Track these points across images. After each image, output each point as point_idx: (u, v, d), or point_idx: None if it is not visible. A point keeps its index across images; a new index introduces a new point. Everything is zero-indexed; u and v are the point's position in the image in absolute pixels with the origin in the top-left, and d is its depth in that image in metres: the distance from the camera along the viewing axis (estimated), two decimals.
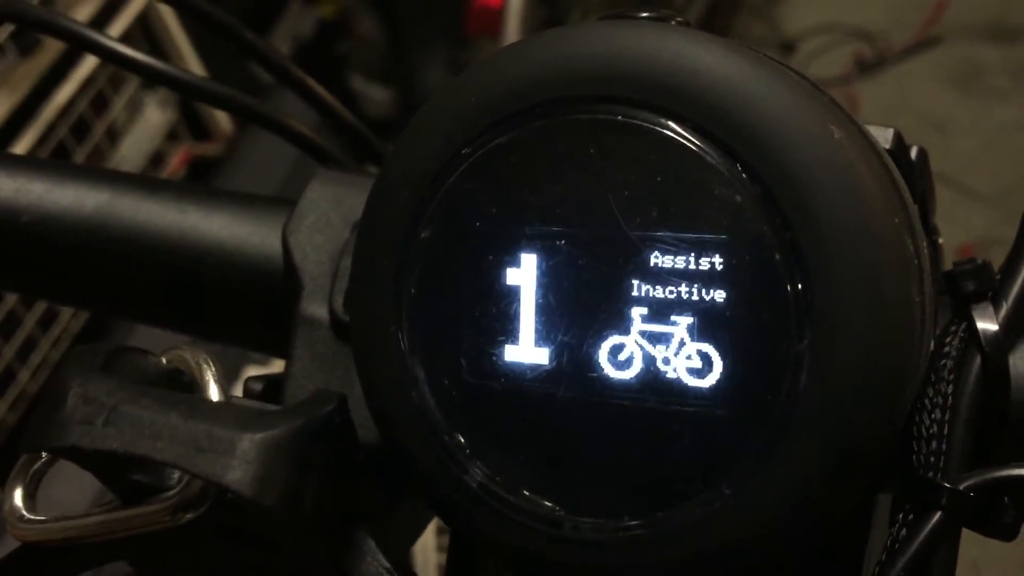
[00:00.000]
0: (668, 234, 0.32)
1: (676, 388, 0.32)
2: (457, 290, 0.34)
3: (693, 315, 0.31)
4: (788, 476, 0.30)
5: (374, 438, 0.37)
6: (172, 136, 1.94)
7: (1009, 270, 0.36)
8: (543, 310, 0.33)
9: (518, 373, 0.33)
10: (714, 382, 0.31)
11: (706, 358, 0.31)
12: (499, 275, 0.34)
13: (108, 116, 1.74)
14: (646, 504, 0.32)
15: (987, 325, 0.34)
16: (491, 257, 0.34)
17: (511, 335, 0.34)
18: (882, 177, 0.32)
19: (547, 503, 0.33)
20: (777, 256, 0.30)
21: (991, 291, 0.35)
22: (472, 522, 0.34)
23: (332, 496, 0.33)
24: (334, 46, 2.30)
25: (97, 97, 1.70)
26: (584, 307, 0.33)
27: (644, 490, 0.32)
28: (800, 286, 0.30)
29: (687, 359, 0.32)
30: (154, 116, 1.87)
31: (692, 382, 0.32)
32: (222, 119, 1.95)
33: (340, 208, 0.45)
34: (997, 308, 0.36)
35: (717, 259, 0.31)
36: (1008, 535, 0.33)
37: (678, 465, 0.32)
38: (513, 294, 0.33)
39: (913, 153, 0.40)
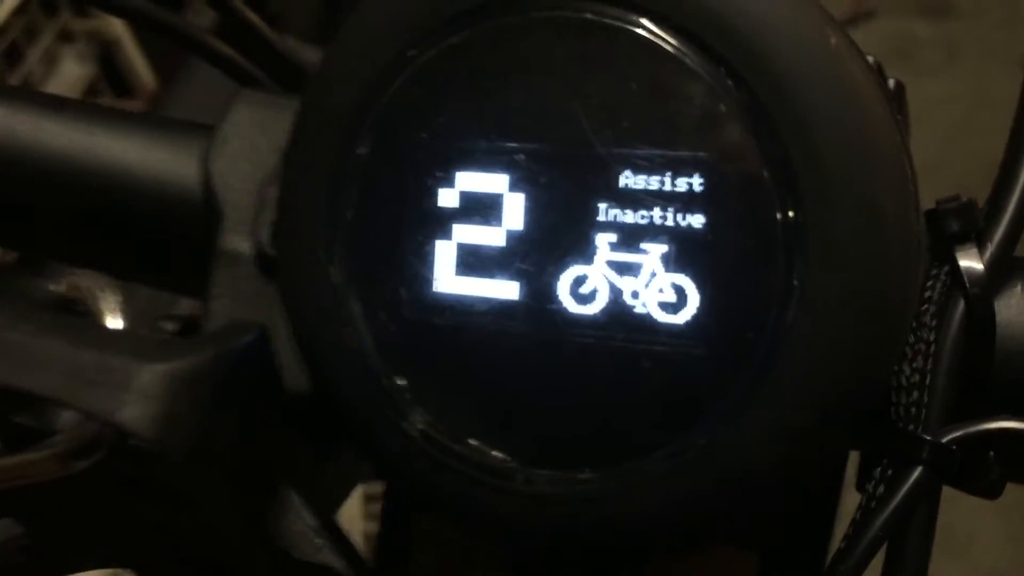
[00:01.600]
0: (641, 150, 0.29)
1: (646, 324, 0.29)
2: (399, 213, 0.31)
3: (667, 243, 0.29)
4: (770, 424, 0.28)
5: (302, 383, 0.34)
6: (92, 91, 1.85)
7: (994, 208, 0.34)
8: (496, 236, 0.31)
9: (466, 306, 0.31)
10: (689, 318, 0.29)
11: (680, 291, 0.29)
12: (446, 196, 0.31)
13: (22, 69, 1.66)
14: (609, 454, 0.30)
15: (972, 267, 0.33)
16: (438, 175, 0.31)
17: (459, 264, 0.31)
18: (880, 92, 0.29)
19: (497, 453, 0.31)
20: (765, 174, 0.28)
21: (976, 231, 0.33)
22: (412, 474, 0.32)
23: (251, 444, 0.30)
24: (262, 5, 2.24)
25: (10, 48, 1.62)
26: (544, 232, 0.30)
27: (607, 439, 0.30)
28: (790, 208, 0.28)
29: (659, 292, 0.29)
30: (72, 70, 1.78)
31: (664, 318, 0.29)
32: (144, 74, 1.87)
33: (267, 133, 0.41)
34: (982, 249, 0.34)
35: (696, 179, 0.29)
36: (992, 493, 0.32)
37: (646, 411, 0.30)
38: (463, 217, 0.31)
39: (891, 85, 0.37)
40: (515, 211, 0.30)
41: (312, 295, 0.32)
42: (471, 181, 0.31)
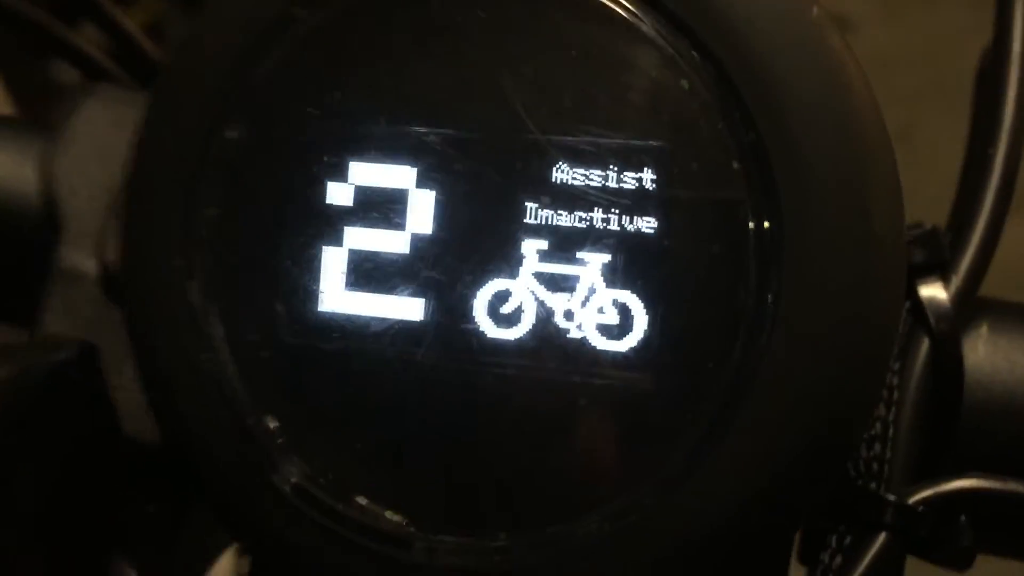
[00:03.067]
0: (581, 136, 0.26)
1: (581, 352, 0.27)
2: (276, 211, 0.28)
3: (610, 251, 0.27)
4: (733, 480, 0.25)
5: (146, 427, 0.32)
6: None
7: (958, 237, 0.33)
8: (398, 241, 0.28)
9: (359, 328, 0.28)
10: (635, 344, 0.26)
11: (624, 311, 0.27)
12: (337, 191, 0.28)
13: None
14: (530, 517, 0.27)
15: (936, 301, 0.32)
16: (327, 164, 0.28)
17: (352, 275, 0.28)
18: (863, 73, 0.27)
19: (391, 515, 0.28)
20: (735, 165, 0.25)
21: (941, 262, 0.33)
22: (283, 542, 0.28)
23: (67, 499, 0.26)
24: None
25: None
26: (457, 237, 0.27)
27: (528, 497, 0.27)
28: (765, 210, 0.25)
29: (598, 312, 0.27)
30: None
31: (604, 344, 0.27)
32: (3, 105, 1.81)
33: (122, 132, 0.38)
34: (947, 282, 0.33)
35: (648, 173, 0.26)
36: (963, 563, 0.31)
37: (577, 461, 0.27)
38: (358, 219, 0.28)
39: None
40: (422, 211, 0.28)
41: (162, 313, 0.29)
42: (368, 173, 0.28)
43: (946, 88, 0.38)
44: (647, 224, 0.26)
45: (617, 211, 0.26)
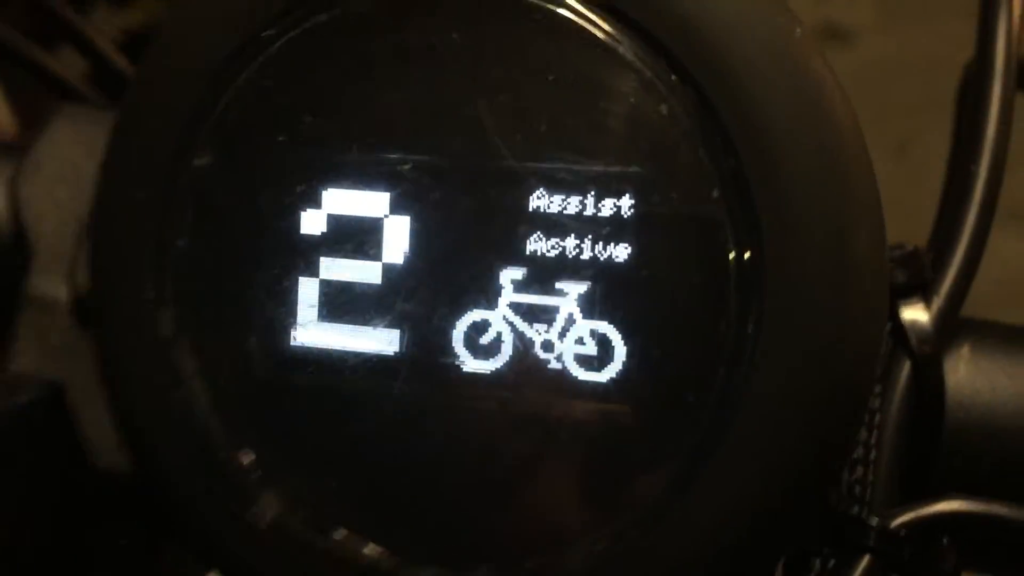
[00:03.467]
0: (559, 164, 0.26)
1: (561, 384, 0.26)
2: (248, 242, 0.28)
3: (587, 281, 0.26)
4: (715, 512, 0.25)
5: (117, 460, 0.31)
6: None
7: (939, 257, 0.33)
8: (373, 271, 0.27)
9: (334, 361, 0.27)
10: (614, 375, 0.26)
11: (604, 342, 0.26)
12: (310, 219, 0.27)
13: None
14: (512, 550, 0.27)
15: (918, 322, 0.32)
16: (300, 193, 0.27)
17: (326, 307, 0.27)
18: (846, 98, 0.26)
19: (372, 547, 0.27)
20: (715, 193, 0.25)
21: (922, 283, 0.32)
22: None
23: (35, 536, 0.26)
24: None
25: None
26: (433, 267, 0.27)
27: (511, 530, 0.27)
28: (745, 238, 0.25)
29: (577, 343, 0.26)
30: None
31: (583, 375, 0.26)
32: (2, 114, 1.78)
33: (91, 154, 0.37)
34: (928, 303, 0.32)
35: (626, 201, 0.25)
36: None
37: (558, 494, 0.27)
38: (335, 246, 0.27)
39: None
40: (397, 240, 0.27)
41: (132, 346, 0.28)
42: (342, 201, 0.27)
43: (944, 102, 0.38)
44: (625, 253, 0.26)
45: (595, 239, 0.26)
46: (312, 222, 0.28)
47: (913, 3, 1.45)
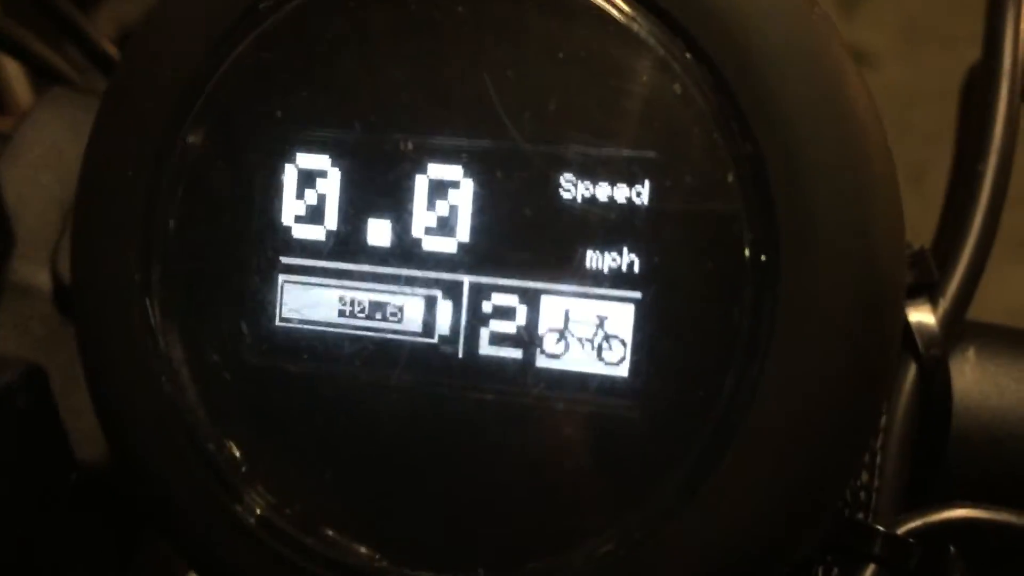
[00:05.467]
0: (569, 146, 0.25)
1: (566, 377, 0.25)
2: (242, 223, 0.27)
3: (597, 269, 0.25)
4: (726, 515, 0.24)
5: (98, 452, 0.31)
6: None
7: (946, 259, 0.33)
8: (374, 255, 0.26)
9: (329, 348, 0.26)
10: (622, 371, 0.25)
11: (612, 336, 0.25)
12: (309, 199, 0.27)
13: None
14: (509, 553, 0.26)
15: (924, 324, 0.31)
16: (297, 171, 0.26)
17: (320, 291, 0.27)
18: (864, 83, 0.25)
19: (361, 548, 0.27)
20: (730, 178, 0.24)
21: (929, 284, 0.32)
22: None
23: (13, 526, 0.25)
24: None
25: None
26: (435, 252, 0.26)
27: (508, 531, 0.26)
28: (762, 229, 0.24)
29: (584, 337, 0.26)
30: None
31: (590, 370, 0.25)
32: (21, 91, 1.79)
33: (78, 138, 0.36)
34: (935, 305, 0.32)
35: (637, 186, 0.25)
36: None
37: (561, 493, 0.26)
38: (329, 230, 0.27)
39: None
40: (399, 222, 0.27)
41: (117, 333, 0.28)
42: (343, 180, 0.27)
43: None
44: (636, 240, 0.25)
45: (605, 225, 0.25)
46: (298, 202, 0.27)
47: (935, 30, 1.46)
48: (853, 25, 1.49)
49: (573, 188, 0.25)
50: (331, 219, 0.26)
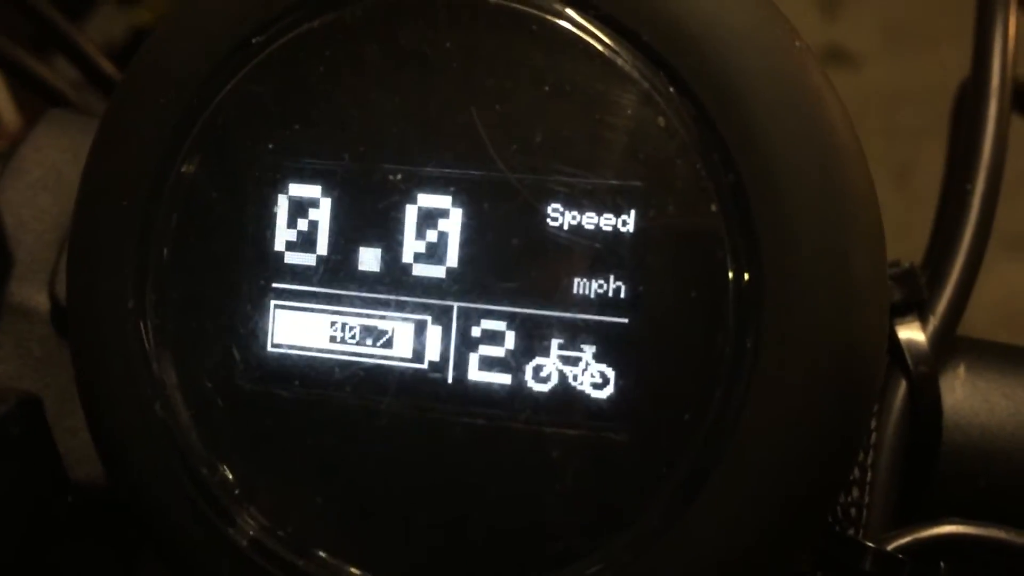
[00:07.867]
0: (554, 177, 0.25)
1: (554, 401, 0.25)
2: (234, 251, 0.27)
3: (582, 296, 0.25)
4: (712, 534, 0.24)
5: (94, 474, 0.31)
6: None
7: (935, 276, 0.33)
8: (364, 281, 0.26)
9: (321, 374, 0.26)
10: (608, 395, 0.25)
11: (599, 360, 0.25)
12: (300, 228, 0.27)
13: None
14: (501, 574, 0.26)
15: (914, 341, 0.31)
16: (289, 200, 0.26)
17: (312, 317, 0.27)
18: (846, 113, 0.25)
19: (355, 570, 0.26)
20: (713, 207, 0.24)
21: (919, 301, 0.32)
22: None
23: (8, 548, 0.25)
24: None
25: None
26: (424, 280, 0.26)
27: (500, 553, 0.26)
28: (744, 256, 0.24)
29: (572, 361, 0.25)
30: None
31: (577, 394, 0.25)
32: (7, 112, 1.77)
33: (77, 160, 0.37)
34: (924, 322, 0.32)
35: (622, 215, 0.25)
36: None
37: (551, 515, 0.25)
38: (321, 257, 0.26)
39: None
40: (389, 250, 0.26)
41: (111, 357, 0.27)
42: (334, 209, 0.27)
43: (945, 130, 0.37)
44: (622, 268, 0.25)
45: (590, 254, 0.25)
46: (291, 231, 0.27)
47: (918, 30, 1.45)
48: (835, 26, 1.49)
49: (560, 217, 0.25)
50: (322, 246, 0.26)
